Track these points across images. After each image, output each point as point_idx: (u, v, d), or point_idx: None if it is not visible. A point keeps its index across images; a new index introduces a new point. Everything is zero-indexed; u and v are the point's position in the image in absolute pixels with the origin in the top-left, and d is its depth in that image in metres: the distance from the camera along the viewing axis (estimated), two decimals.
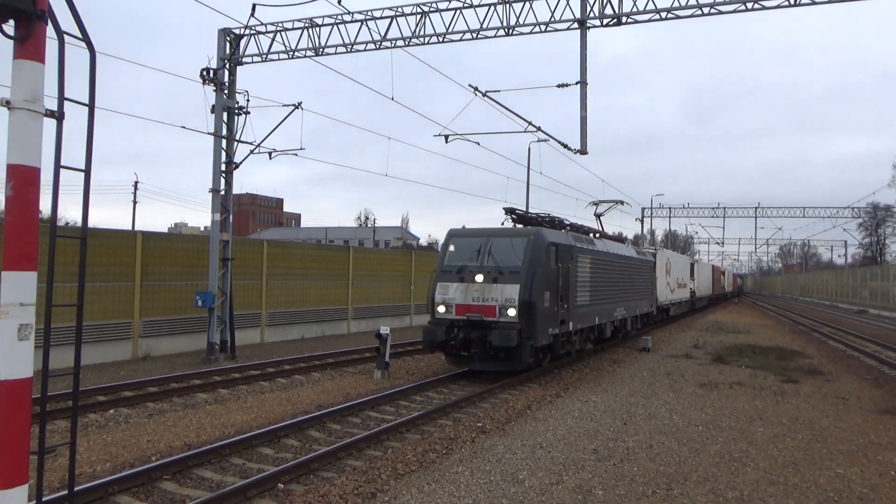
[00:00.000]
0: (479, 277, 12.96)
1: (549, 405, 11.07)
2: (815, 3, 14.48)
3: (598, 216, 21.83)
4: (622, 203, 22.16)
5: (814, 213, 58.76)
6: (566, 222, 16.45)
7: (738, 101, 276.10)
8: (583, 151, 15.99)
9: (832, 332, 28.60)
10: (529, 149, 32.37)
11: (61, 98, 3.83)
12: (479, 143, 19.25)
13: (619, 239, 22.44)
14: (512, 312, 12.47)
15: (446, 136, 17.88)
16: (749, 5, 14.61)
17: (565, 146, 16.97)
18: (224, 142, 16.99)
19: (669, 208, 62.46)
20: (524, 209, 14.96)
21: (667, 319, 31.10)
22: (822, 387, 13.47)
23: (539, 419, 9.94)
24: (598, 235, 19.17)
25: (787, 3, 14.51)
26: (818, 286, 77.91)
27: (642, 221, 60.20)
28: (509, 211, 14.91)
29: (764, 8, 14.66)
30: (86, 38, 3.98)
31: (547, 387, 12.92)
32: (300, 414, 10.06)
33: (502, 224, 15.06)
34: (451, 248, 13.92)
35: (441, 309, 13.20)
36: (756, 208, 60.26)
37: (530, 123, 17.03)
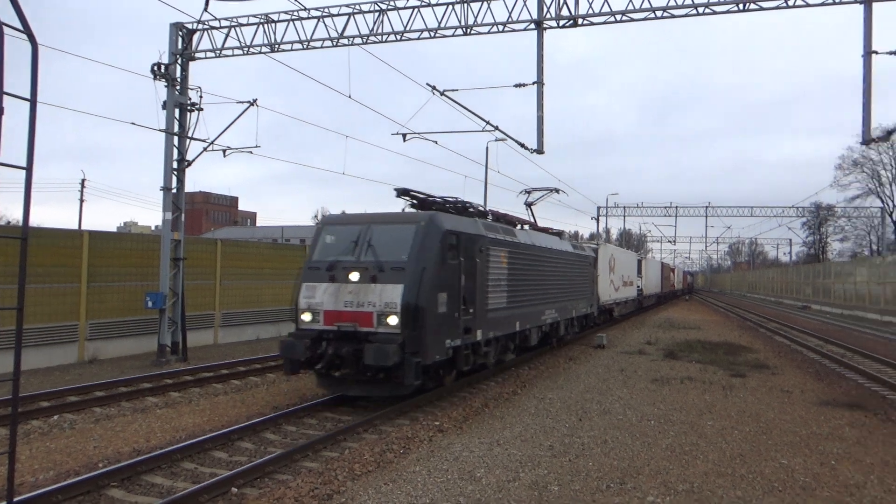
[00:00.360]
0: (354, 276, 10.20)
1: (506, 403, 11.16)
2: (762, 10, 14.94)
3: (528, 205, 19.47)
4: (557, 191, 19.96)
5: (761, 212, 60.80)
6: (482, 209, 13.81)
7: (692, 104, 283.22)
8: (539, 151, 16.16)
9: (778, 328, 29.60)
10: (487, 148, 32.74)
11: (0, 92, 3.68)
12: (437, 142, 19.28)
13: (556, 232, 19.85)
14: (393, 321, 9.75)
15: (404, 135, 17.86)
16: (700, 9, 14.99)
17: (522, 145, 17.12)
18: (176, 139, 16.59)
19: (624, 207, 63.72)
20: (426, 194, 12.10)
21: (610, 321, 29.08)
22: (767, 380, 13.93)
23: (496, 417, 10.01)
24: (525, 227, 16.72)
25: (735, 7, 14.94)
26: (765, 283, 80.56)
27: (598, 220, 61.24)
28: (403, 192, 11.74)
29: (714, 12, 15.06)
30: (27, 30, 3.84)
31: (504, 385, 13.02)
32: (255, 416, 9.90)
33: (403, 211, 12.05)
34: (324, 238, 11.23)
35: (306, 317, 10.44)
36: (707, 207, 61.97)
37: (488, 123, 17.14)
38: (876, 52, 14.81)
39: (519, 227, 15.95)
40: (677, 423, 9.73)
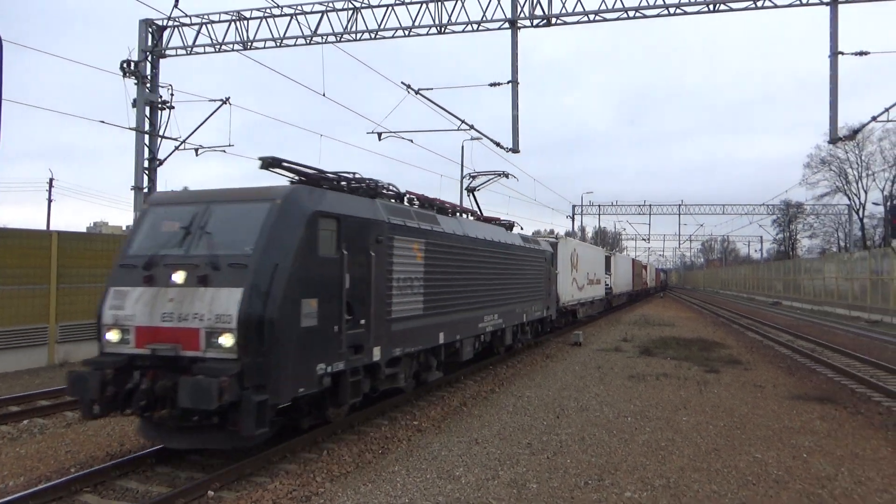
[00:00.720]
0: (178, 277, 7.22)
1: (483, 401, 11.18)
2: (732, 10, 15.18)
3: (471, 191, 17.15)
4: (506, 175, 17.32)
5: (732, 210, 61.86)
6: (396, 190, 10.65)
7: (667, 103, 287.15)
8: (515, 150, 16.26)
9: (750, 324, 30.11)
10: (463, 147, 32.57)
11: None
12: (412, 141, 19.25)
13: (505, 223, 16.87)
14: (227, 341, 6.83)
15: (379, 134, 17.81)
16: (671, 10, 15.17)
17: (498, 144, 17.19)
18: (147, 137, 16.34)
19: (599, 206, 64.39)
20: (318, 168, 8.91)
21: (574, 323, 26.01)
22: (740, 376, 14.15)
23: (474, 415, 10.03)
24: (464, 215, 13.90)
25: (706, 8, 15.15)
26: (737, 280, 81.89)
27: (573, 218, 61.70)
28: (272, 164, 8.32)
29: (685, 13, 15.26)
30: None
31: (482, 383, 13.04)
32: None
33: None
34: (147, 224, 8.11)
35: (112, 336, 7.33)
36: (680, 206, 62.88)
37: (463, 122, 17.16)
38: (842, 53, 15.15)
39: (460, 215, 13.48)
40: (653, 419, 9.83)
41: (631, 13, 15.32)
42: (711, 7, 15.16)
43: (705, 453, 8.00)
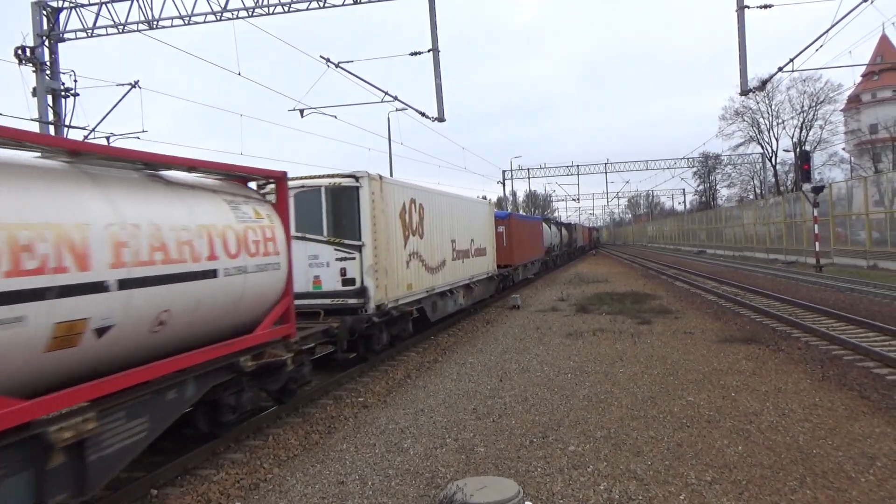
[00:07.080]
0: None
1: (427, 371, 11.27)
2: None
3: None
4: None
5: (655, 165, 63.78)
6: None
7: (627, 66, 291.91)
8: (440, 119, 16.18)
9: (677, 274, 31.37)
10: (389, 118, 32.24)
11: None
12: (336, 117, 18.88)
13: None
14: None
15: (301, 111, 17.37)
16: None
17: (423, 114, 17.06)
18: (51, 128, 15.39)
19: (528, 169, 65.16)
20: None
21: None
22: (671, 324, 14.77)
23: (419, 386, 10.10)
24: None
25: None
26: (663, 232, 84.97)
27: (504, 184, 62.32)
28: None
29: None
30: None
31: (425, 354, 13.13)
32: None
33: None
34: None
35: None
36: (606, 164, 64.35)
37: (386, 93, 16.93)
38: (748, 7, 15.70)
39: None
40: (592, 373, 10.16)
41: None
42: None
43: (642, 402, 8.33)
